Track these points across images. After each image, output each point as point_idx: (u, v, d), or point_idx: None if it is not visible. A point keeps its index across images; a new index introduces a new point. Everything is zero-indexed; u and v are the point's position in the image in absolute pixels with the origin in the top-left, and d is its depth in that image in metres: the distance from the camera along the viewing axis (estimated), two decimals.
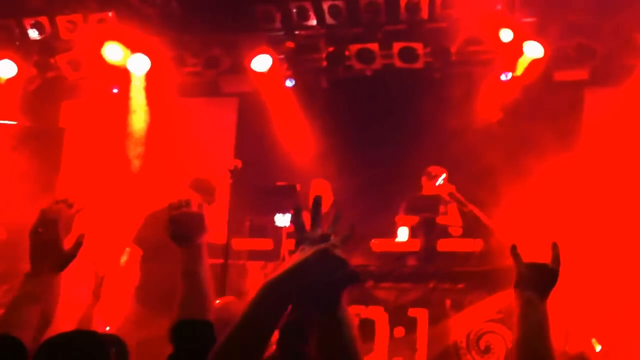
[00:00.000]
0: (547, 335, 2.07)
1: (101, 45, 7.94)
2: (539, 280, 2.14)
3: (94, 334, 2.11)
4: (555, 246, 2.19)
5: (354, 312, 6.21)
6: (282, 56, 8.05)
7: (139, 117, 8.21)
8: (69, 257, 2.11)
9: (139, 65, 8.04)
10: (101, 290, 4.42)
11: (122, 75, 8.16)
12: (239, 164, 6.13)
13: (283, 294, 1.52)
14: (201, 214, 2.14)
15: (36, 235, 2.09)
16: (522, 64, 7.61)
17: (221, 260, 5.88)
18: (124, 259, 6.24)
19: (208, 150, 8.14)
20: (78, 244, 2.13)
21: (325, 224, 1.63)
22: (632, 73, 7.16)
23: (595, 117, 7.61)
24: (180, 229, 2.11)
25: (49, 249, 2.08)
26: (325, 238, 1.56)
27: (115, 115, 8.30)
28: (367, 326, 6.10)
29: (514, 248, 2.23)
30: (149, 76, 8.16)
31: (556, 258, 2.18)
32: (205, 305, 2.07)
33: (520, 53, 7.53)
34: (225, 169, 6.09)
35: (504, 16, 7.54)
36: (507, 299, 5.76)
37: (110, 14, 7.89)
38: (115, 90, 8.47)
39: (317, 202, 1.61)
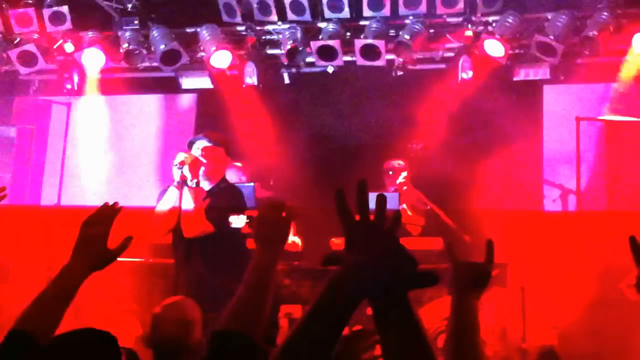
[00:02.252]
0: (476, 335, 2.04)
1: (55, 40, 7.76)
2: (470, 279, 2.10)
3: (107, 334, 1.97)
4: (489, 244, 2.13)
5: None
6: (242, 52, 7.92)
7: (94, 114, 8.03)
8: (112, 257, 2.03)
9: (93, 60, 7.85)
10: None
11: (76, 70, 7.96)
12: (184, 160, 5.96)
13: (349, 294, 1.40)
14: (289, 221, 2.02)
15: (87, 228, 2.02)
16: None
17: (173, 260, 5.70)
18: None
19: (166, 148, 7.98)
20: (124, 246, 2.05)
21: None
22: (590, 70, 7.17)
23: (554, 114, 7.63)
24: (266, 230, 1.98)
25: (95, 245, 2.01)
26: (376, 228, 1.44)
27: (69, 113, 8.12)
28: None
29: (448, 245, 2.20)
30: (104, 72, 7.98)
31: (490, 257, 2.14)
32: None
33: (482, 52, 7.52)
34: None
35: (466, 14, 7.54)
36: None
37: (64, 7, 7.70)
38: (69, 86, 8.26)
39: (363, 186, 1.47)
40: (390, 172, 7.12)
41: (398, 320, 1.42)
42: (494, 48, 7.43)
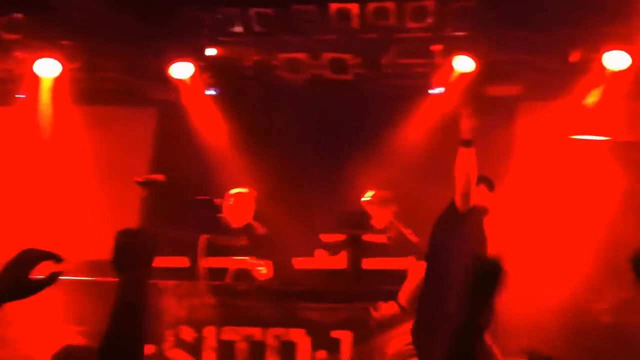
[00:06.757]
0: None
1: (9, 47, 7.44)
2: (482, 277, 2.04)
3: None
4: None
5: (275, 334, 5.82)
6: (205, 64, 7.66)
7: (47, 125, 7.71)
8: (32, 289, 1.89)
9: (47, 69, 7.53)
10: None
11: (29, 80, 7.64)
12: (152, 176, 5.72)
13: None
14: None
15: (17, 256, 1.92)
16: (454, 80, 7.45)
17: None
18: None
19: (123, 162, 7.67)
20: (49, 281, 1.90)
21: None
22: (565, 88, 7.06)
23: (528, 132, 7.48)
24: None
25: (16, 273, 1.89)
26: None
27: (21, 123, 7.78)
28: (288, 349, 5.72)
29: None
30: (60, 82, 7.65)
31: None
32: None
33: (451, 67, 7.37)
34: (135, 181, 5.61)
35: (436, 29, 7.38)
36: None
37: (19, 15, 7.37)
38: (21, 96, 7.93)
39: None
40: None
41: None
42: (464, 63, 7.29)
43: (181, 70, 7.50)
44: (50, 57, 7.51)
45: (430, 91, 7.66)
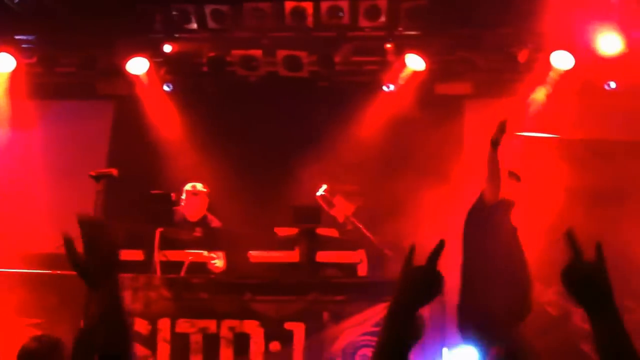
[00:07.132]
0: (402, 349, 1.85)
1: None
2: (418, 285, 1.87)
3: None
4: (441, 244, 1.90)
5: (229, 326, 5.92)
6: (160, 59, 7.71)
7: (3, 120, 7.68)
8: None
9: (3, 64, 7.49)
10: None
11: None
12: (108, 170, 5.75)
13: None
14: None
15: None
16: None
17: None
18: None
19: (79, 156, 7.67)
20: None
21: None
22: (512, 86, 7.27)
23: (476, 129, 7.69)
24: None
25: None
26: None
27: None
28: (242, 341, 5.82)
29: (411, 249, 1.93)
30: (16, 77, 7.62)
31: (433, 259, 1.88)
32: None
33: (403, 65, 7.55)
34: (89, 174, 5.63)
35: (388, 28, 7.54)
36: (384, 311, 5.62)
37: None
38: None
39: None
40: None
41: None
42: (415, 62, 7.47)
43: (137, 65, 7.54)
44: (5, 52, 7.47)
45: (384, 88, 7.82)
